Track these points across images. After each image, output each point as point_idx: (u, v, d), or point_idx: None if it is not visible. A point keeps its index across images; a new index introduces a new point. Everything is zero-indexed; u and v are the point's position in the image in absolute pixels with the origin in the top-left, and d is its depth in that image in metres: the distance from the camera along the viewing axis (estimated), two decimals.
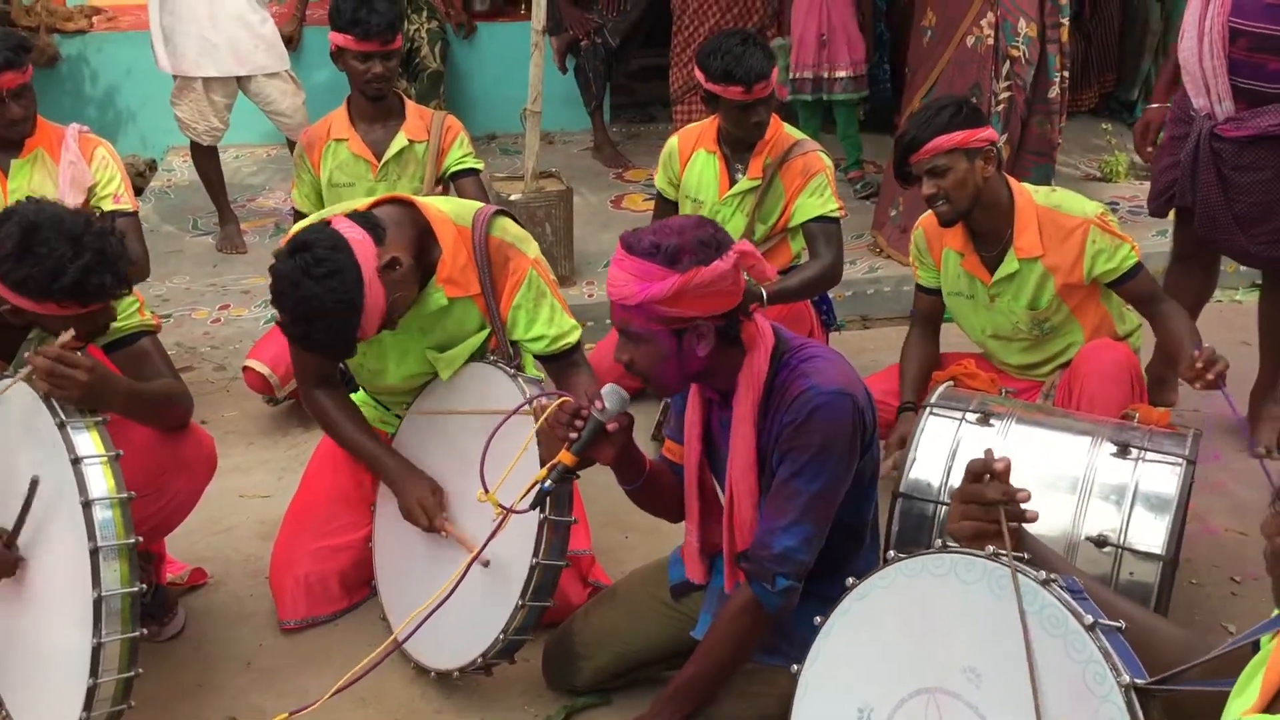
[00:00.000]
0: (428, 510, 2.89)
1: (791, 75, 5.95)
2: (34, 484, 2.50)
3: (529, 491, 2.41)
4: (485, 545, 2.57)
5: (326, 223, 2.67)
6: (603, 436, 2.41)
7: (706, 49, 3.81)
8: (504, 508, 2.45)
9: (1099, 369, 3.19)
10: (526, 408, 2.64)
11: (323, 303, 2.56)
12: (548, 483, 2.38)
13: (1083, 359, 3.27)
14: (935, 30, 5.11)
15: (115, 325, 2.78)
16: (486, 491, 2.48)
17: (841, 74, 5.96)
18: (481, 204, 3.03)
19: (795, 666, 2.01)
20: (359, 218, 2.70)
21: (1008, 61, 4.96)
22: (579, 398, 2.47)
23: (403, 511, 2.93)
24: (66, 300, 2.55)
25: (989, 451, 1.88)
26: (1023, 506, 1.84)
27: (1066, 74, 5.00)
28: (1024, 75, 4.97)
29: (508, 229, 2.94)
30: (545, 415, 2.46)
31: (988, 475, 1.85)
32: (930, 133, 3.18)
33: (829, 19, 5.90)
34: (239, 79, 5.54)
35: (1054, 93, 5.00)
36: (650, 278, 2.25)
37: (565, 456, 2.38)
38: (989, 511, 1.83)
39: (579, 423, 2.39)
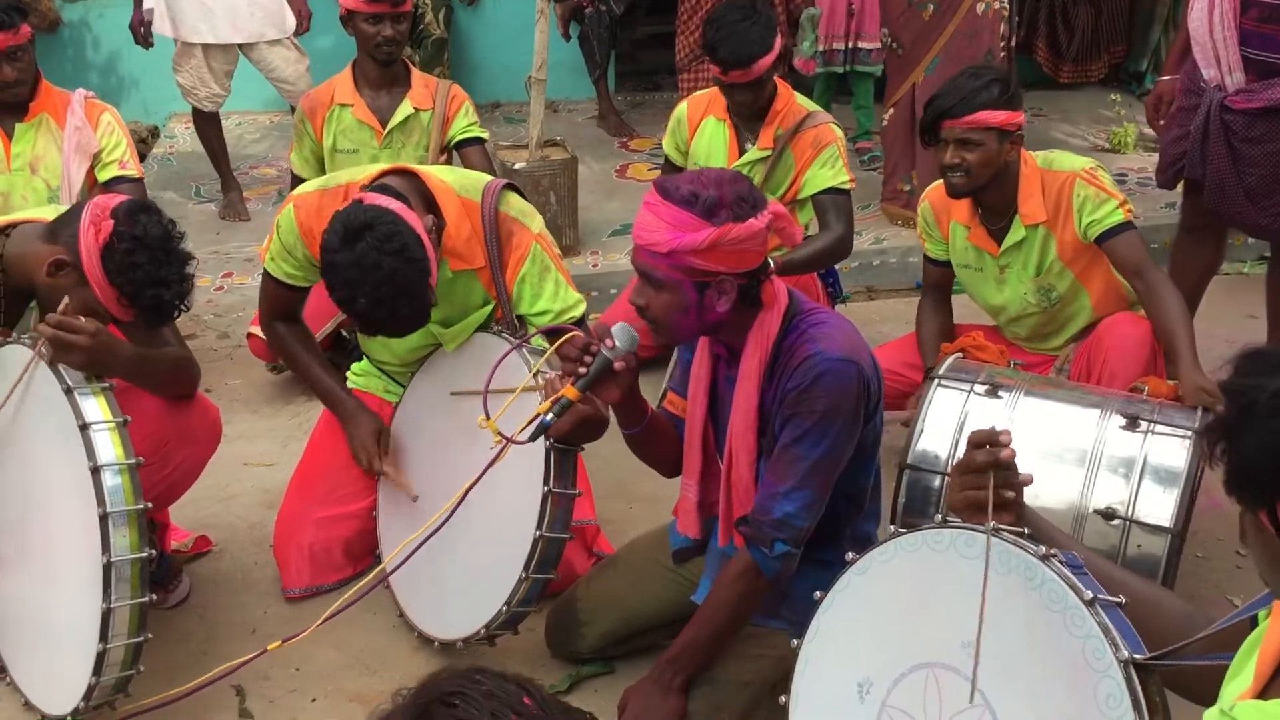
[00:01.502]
0: (368, 452, 3.01)
1: (820, 47, 5.92)
2: None
3: (531, 423, 2.37)
4: (483, 473, 2.52)
5: (360, 201, 2.64)
6: (609, 375, 2.38)
7: (713, 15, 3.80)
8: (503, 436, 2.43)
9: (1121, 344, 3.16)
10: (531, 368, 2.63)
11: (407, 276, 2.57)
12: (550, 416, 2.35)
13: (1105, 332, 3.24)
14: (938, 3, 5.09)
15: None
16: (488, 418, 2.45)
17: (868, 45, 5.93)
18: (487, 176, 3.01)
19: (795, 641, 2.01)
20: (380, 189, 2.68)
21: (1003, 21, 5.10)
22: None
23: (350, 450, 3.04)
24: (134, 304, 2.62)
25: (993, 427, 1.88)
26: (1020, 473, 1.83)
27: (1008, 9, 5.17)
28: (1008, 31, 5.14)
29: (512, 203, 2.93)
30: (552, 349, 2.43)
31: (988, 445, 1.84)
32: (975, 106, 3.13)
33: None
34: (241, 45, 5.49)
35: (1004, 28, 5.18)
36: (684, 227, 2.23)
37: (570, 391, 2.35)
38: (981, 479, 1.82)
39: (588, 358, 2.37)
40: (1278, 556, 1.43)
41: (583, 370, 2.36)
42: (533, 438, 2.40)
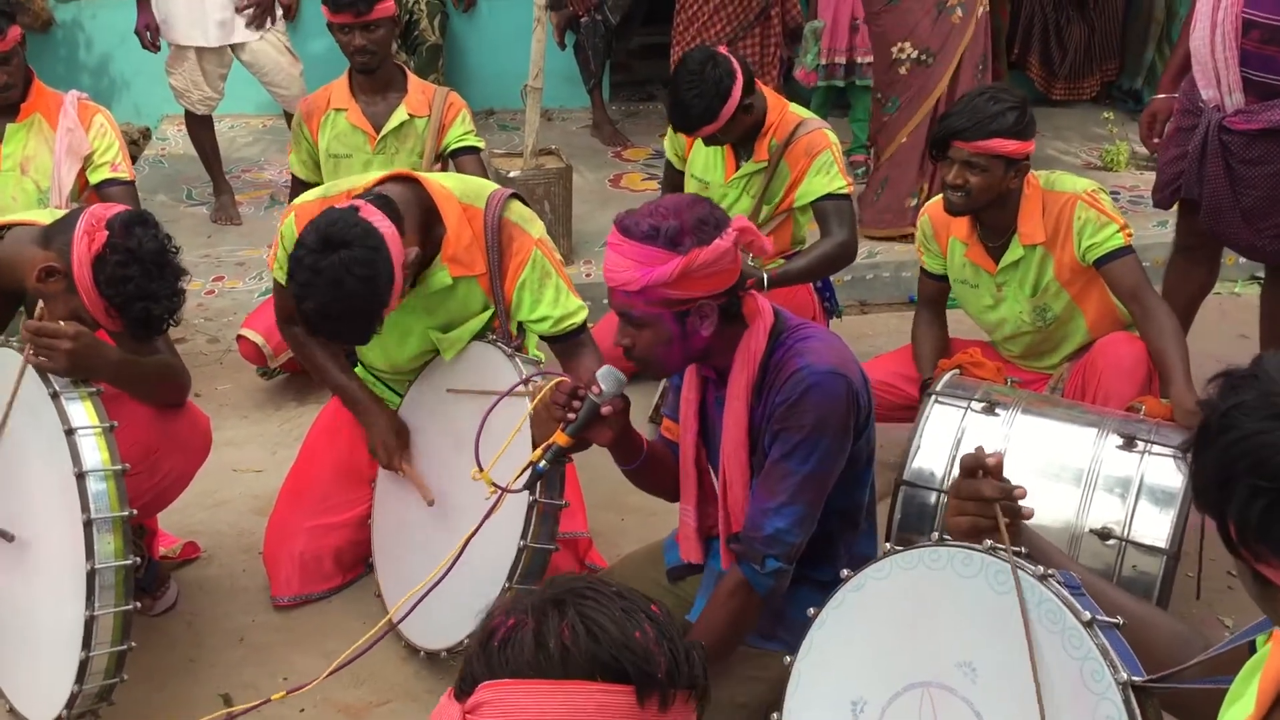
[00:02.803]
0: (388, 449, 2.98)
1: (822, 60, 5.92)
2: None
3: (523, 472, 2.37)
4: (480, 526, 2.52)
5: (356, 210, 2.61)
6: (598, 419, 2.36)
7: (674, 71, 3.78)
8: (498, 486, 2.42)
9: (1117, 363, 3.16)
10: (523, 388, 2.61)
11: (361, 302, 2.57)
12: (542, 463, 2.34)
13: (1100, 352, 3.24)
14: (965, 6, 5.12)
15: None
16: (480, 469, 2.44)
17: (869, 59, 5.91)
18: (493, 184, 3.00)
19: (788, 658, 1.99)
20: (381, 203, 2.66)
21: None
22: (578, 379, 2.43)
23: (369, 447, 3.01)
24: (123, 316, 2.60)
25: (980, 448, 1.86)
26: (1020, 503, 1.82)
27: None
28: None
29: (513, 209, 2.91)
30: (540, 395, 2.42)
31: (980, 470, 1.83)
32: (988, 132, 3.11)
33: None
34: (233, 48, 5.47)
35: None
36: (652, 262, 2.20)
37: (560, 437, 2.34)
38: (985, 507, 1.80)
39: (576, 403, 2.35)
40: (1248, 576, 1.42)
41: (571, 416, 2.34)
42: (526, 486, 2.40)
